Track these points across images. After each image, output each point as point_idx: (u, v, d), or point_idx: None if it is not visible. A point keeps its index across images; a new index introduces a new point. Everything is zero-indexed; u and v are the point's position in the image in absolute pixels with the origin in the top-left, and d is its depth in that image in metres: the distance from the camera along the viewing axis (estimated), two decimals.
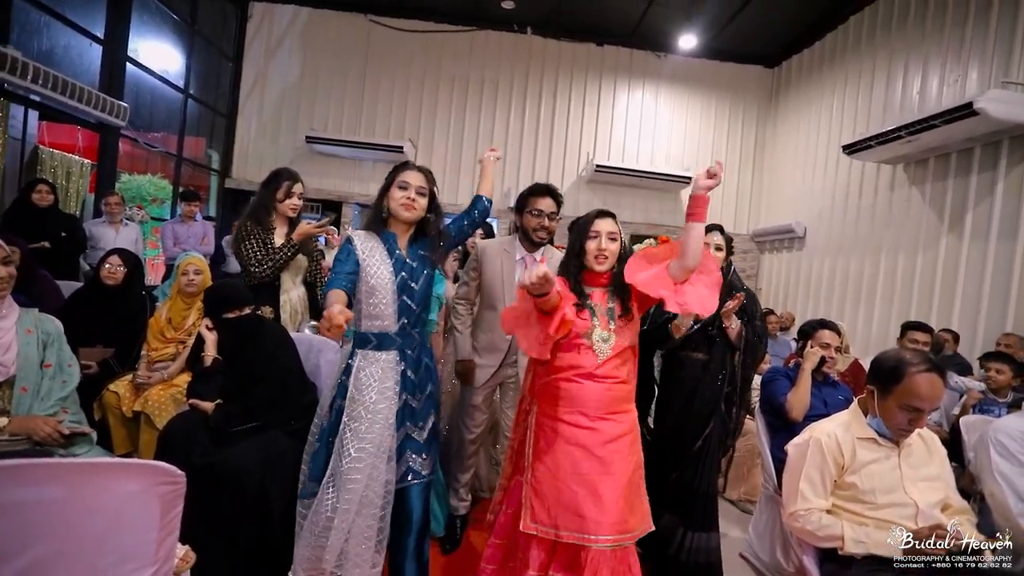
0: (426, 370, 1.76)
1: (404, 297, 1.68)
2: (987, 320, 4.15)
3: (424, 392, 1.74)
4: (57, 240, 3.66)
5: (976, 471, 1.81)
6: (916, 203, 4.97)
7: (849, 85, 6.01)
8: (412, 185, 1.71)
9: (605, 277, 1.64)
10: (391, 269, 1.67)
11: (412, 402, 1.71)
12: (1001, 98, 3.77)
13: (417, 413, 1.71)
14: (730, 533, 2.66)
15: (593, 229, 1.62)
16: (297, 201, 2.43)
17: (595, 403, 1.55)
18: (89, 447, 1.70)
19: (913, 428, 1.52)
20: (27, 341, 1.67)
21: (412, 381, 1.70)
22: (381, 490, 1.60)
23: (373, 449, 1.58)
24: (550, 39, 7.34)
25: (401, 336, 1.69)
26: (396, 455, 1.65)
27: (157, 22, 5.92)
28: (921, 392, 1.46)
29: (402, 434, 1.68)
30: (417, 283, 1.71)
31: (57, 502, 0.92)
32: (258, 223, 2.37)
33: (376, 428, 1.60)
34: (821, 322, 2.42)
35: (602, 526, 1.46)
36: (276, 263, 2.32)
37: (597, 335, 1.57)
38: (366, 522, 1.57)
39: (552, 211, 2.25)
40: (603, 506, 1.47)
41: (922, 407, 1.48)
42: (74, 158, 5.03)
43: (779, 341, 4.72)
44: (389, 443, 1.62)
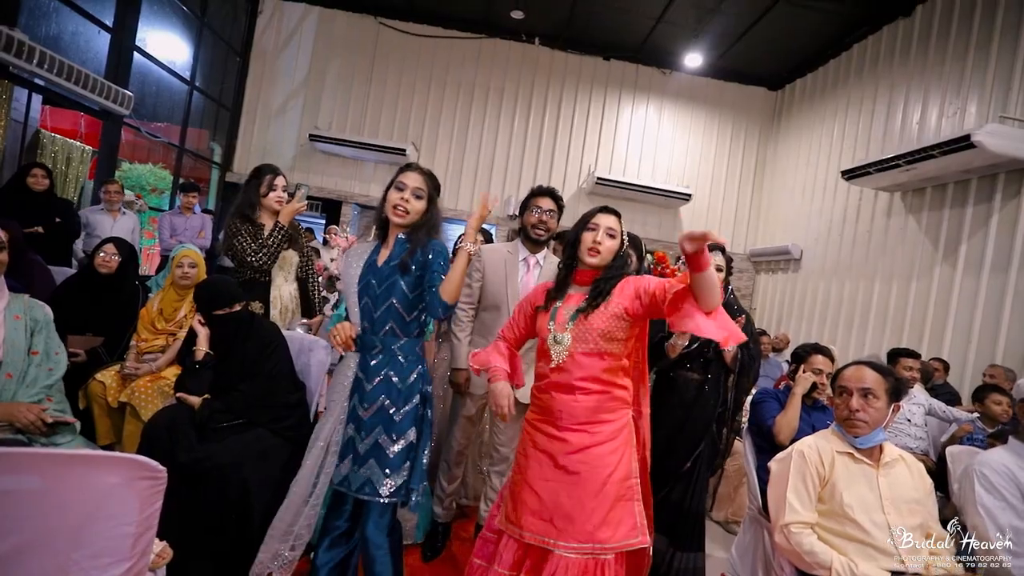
0: (386, 383, 1.62)
1: (367, 299, 1.64)
2: (977, 351, 4.18)
3: (374, 404, 1.61)
4: (51, 225, 3.63)
5: (959, 503, 1.81)
6: (912, 231, 5.01)
7: (850, 111, 6.07)
8: (408, 186, 1.66)
9: (593, 275, 1.58)
10: (360, 271, 1.67)
11: (359, 410, 1.63)
12: (998, 132, 3.82)
13: (363, 423, 1.62)
14: (714, 553, 2.65)
15: (593, 222, 1.59)
16: (281, 193, 2.44)
17: (564, 414, 1.52)
18: (72, 437, 1.68)
19: (853, 415, 1.60)
20: (14, 327, 1.65)
21: (363, 388, 1.63)
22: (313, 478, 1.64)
23: (320, 443, 1.65)
24: (557, 51, 7.41)
25: (363, 339, 1.66)
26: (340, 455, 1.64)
27: (166, 12, 5.94)
28: (845, 374, 1.68)
29: (347, 435, 1.64)
30: (381, 286, 1.62)
31: (34, 492, 0.91)
32: (245, 219, 2.38)
33: (327, 420, 1.67)
34: (815, 347, 2.41)
35: (563, 533, 1.44)
36: (270, 249, 2.33)
37: (551, 338, 1.54)
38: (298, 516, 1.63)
39: (551, 209, 2.28)
40: (565, 513, 1.46)
41: (848, 386, 1.64)
42: (75, 144, 5.03)
43: (771, 362, 4.73)
44: (333, 438, 1.65)
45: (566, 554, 1.43)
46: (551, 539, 1.45)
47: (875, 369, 1.65)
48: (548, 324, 1.55)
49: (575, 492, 1.47)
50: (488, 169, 7.42)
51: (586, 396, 1.51)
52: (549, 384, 1.55)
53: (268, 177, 2.43)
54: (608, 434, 1.52)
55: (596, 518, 1.45)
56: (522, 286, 2.24)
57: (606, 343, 1.49)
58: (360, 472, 1.59)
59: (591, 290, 1.55)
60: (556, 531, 1.45)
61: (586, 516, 1.45)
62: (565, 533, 1.44)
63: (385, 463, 1.59)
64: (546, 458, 1.53)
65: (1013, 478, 1.64)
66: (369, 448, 1.59)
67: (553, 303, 1.59)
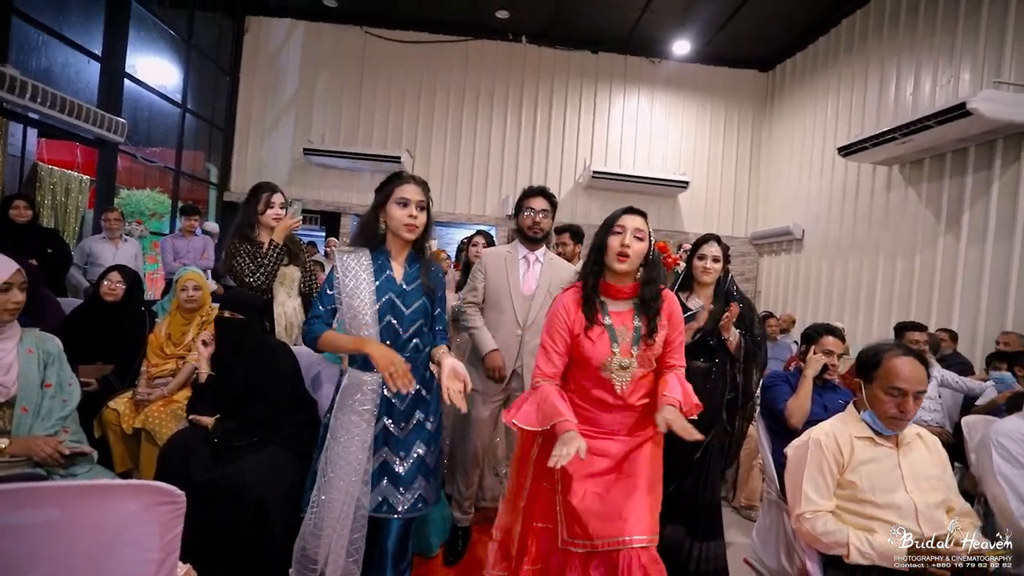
0: (417, 400, 1.65)
1: (390, 318, 1.59)
2: (987, 319, 4.16)
3: (409, 422, 1.63)
4: (43, 256, 3.60)
5: (978, 473, 1.80)
6: (912, 204, 4.98)
7: (843, 88, 6.04)
8: (412, 201, 1.62)
9: (629, 288, 1.52)
10: (373, 289, 1.60)
11: (393, 429, 1.61)
12: (993, 98, 3.80)
13: (399, 442, 1.61)
14: (734, 539, 2.64)
15: (619, 224, 1.50)
16: (279, 211, 2.44)
17: (619, 427, 1.54)
18: (90, 466, 1.70)
19: (903, 415, 1.52)
20: (28, 361, 1.67)
21: (395, 408, 1.62)
22: (352, 510, 1.56)
23: (348, 468, 1.55)
24: (545, 47, 7.40)
25: None
26: (372, 481, 1.59)
27: (154, 38, 5.97)
28: (901, 373, 1.49)
29: (379, 459, 1.60)
30: (408, 307, 1.62)
31: (56, 524, 0.92)
32: (245, 239, 2.40)
33: (352, 450, 1.56)
34: (826, 327, 2.37)
35: (632, 525, 1.43)
36: (267, 269, 2.33)
37: (616, 363, 1.46)
38: (341, 541, 1.56)
39: (544, 208, 2.28)
40: (633, 506, 1.45)
41: (904, 388, 1.49)
42: (73, 174, 5.06)
43: (779, 344, 4.71)
44: (364, 465, 1.56)
45: (637, 548, 1.41)
46: (622, 536, 1.41)
47: (924, 365, 1.54)
48: (612, 348, 1.47)
49: (634, 488, 1.48)
50: (484, 170, 7.42)
51: (635, 412, 1.54)
52: (608, 407, 1.52)
53: (265, 195, 2.44)
54: (650, 433, 1.56)
55: (651, 512, 1.48)
56: (523, 283, 2.27)
57: (656, 360, 1.55)
58: (407, 494, 1.60)
59: (642, 309, 1.51)
60: (624, 524, 1.43)
61: (645, 510, 1.46)
62: (631, 526, 1.43)
63: (429, 474, 1.66)
64: (601, 459, 1.50)
65: None
66: (413, 465, 1.61)
67: (599, 318, 1.49)
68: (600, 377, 1.49)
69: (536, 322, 2.25)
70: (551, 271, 2.29)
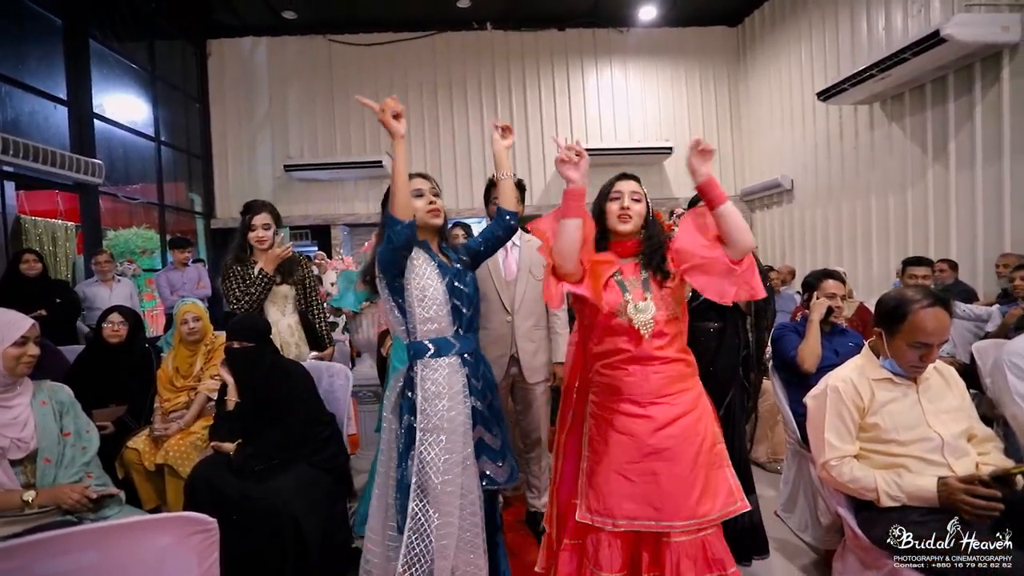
0: (486, 377, 1.67)
1: (455, 300, 1.60)
2: (984, 244, 4.16)
3: (487, 397, 1.64)
4: (52, 307, 3.67)
5: (995, 396, 1.81)
6: (898, 139, 4.96)
7: (815, 31, 5.99)
8: (425, 189, 1.67)
9: (632, 244, 1.53)
10: (437, 272, 1.59)
11: (481, 407, 1.61)
12: (967, 21, 3.77)
13: (488, 419, 1.62)
14: (763, 493, 2.67)
15: (615, 190, 1.54)
16: (262, 233, 2.40)
17: (644, 389, 1.46)
18: (119, 507, 1.70)
19: (925, 364, 1.52)
20: (43, 413, 1.68)
21: (475, 387, 1.61)
22: (474, 497, 1.54)
23: (459, 459, 1.51)
24: (511, 31, 7.32)
25: (458, 340, 1.60)
26: (492, 455, 1.61)
27: (118, 74, 5.90)
28: (927, 327, 1.46)
29: (475, 437, 1.59)
30: (466, 285, 1.64)
31: (94, 567, 0.92)
32: (237, 260, 2.40)
33: (456, 437, 1.52)
34: (825, 272, 2.41)
35: (666, 513, 1.39)
36: (252, 297, 2.31)
37: (632, 309, 1.43)
38: (467, 533, 1.52)
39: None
40: (665, 493, 1.40)
41: (930, 342, 1.48)
42: (57, 223, 5.03)
43: (783, 296, 4.72)
44: (468, 451, 1.55)
45: (678, 538, 1.38)
46: (653, 521, 1.39)
47: (949, 311, 1.50)
48: (624, 295, 1.46)
49: (671, 469, 1.41)
50: (466, 163, 7.37)
51: (664, 366, 1.46)
52: (628, 359, 1.46)
53: (247, 217, 2.42)
54: (689, 403, 1.48)
55: (696, 491, 1.41)
56: (504, 269, 2.29)
57: (677, 306, 1.49)
58: (503, 466, 1.63)
59: (647, 259, 1.50)
60: (658, 512, 1.39)
61: (686, 491, 1.40)
62: (668, 513, 1.39)
63: (511, 451, 1.71)
64: (630, 440, 1.45)
65: None
66: (503, 441, 1.66)
67: (610, 276, 1.48)
68: (619, 325, 1.46)
69: (524, 305, 2.26)
70: (530, 252, 2.30)
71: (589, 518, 1.46)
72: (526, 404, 2.33)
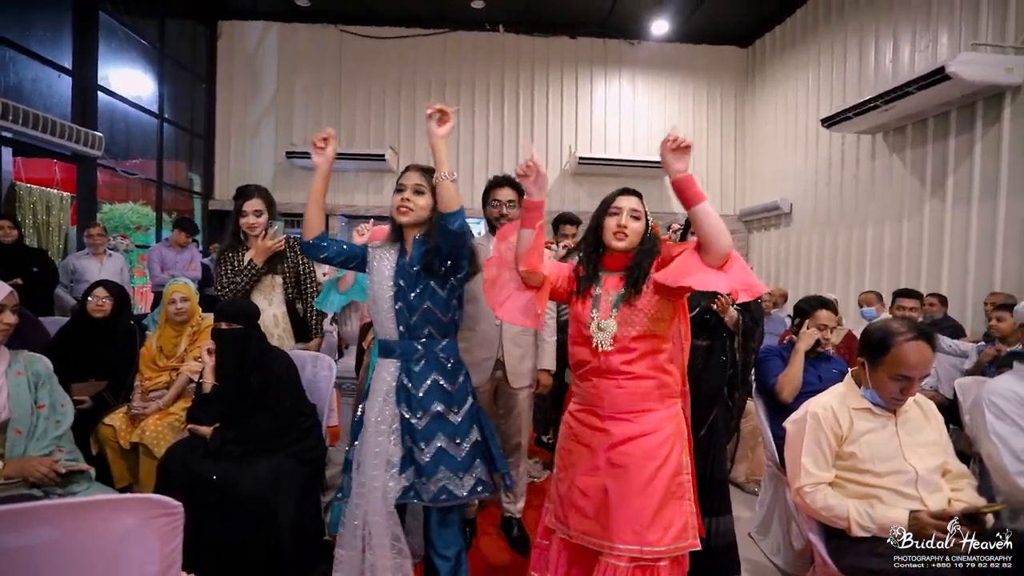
0: (436, 388, 1.61)
1: (399, 304, 1.61)
2: (975, 281, 4.19)
3: (428, 411, 1.59)
4: (29, 275, 3.58)
5: (972, 433, 1.83)
6: (897, 171, 5.00)
7: (823, 59, 6.03)
8: (407, 186, 1.65)
9: (624, 259, 1.51)
10: (392, 275, 1.64)
11: (410, 417, 1.59)
12: (972, 60, 3.80)
13: (418, 432, 1.58)
14: (739, 515, 2.67)
15: (615, 205, 1.52)
16: (252, 220, 2.35)
17: (605, 402, 1.45)
18: (88, 484, 1.69)
19: (905, 397, 1.53)
20: (18, 383, 1.66)
21: (412, 395, 1.59)
22: (380, 502, 1.55)
23: (376, 460, 1.56)
24: (523, 35, 7.33)
25: (401, 346, 1.62)
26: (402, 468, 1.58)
27: (126, 48, 5.87)
28: (909, 360, 1.47)
29: (405, 447, 1.59)
30: (415, 291, 1.61)
31: (53, 543, 0.91)
32: (231, 247, 2.38)
33: (380, 439, 1.58)
34: (819, 301, 2.38)
35: (609, 532, 1.37)
36: (237, 286, 2.29)
37: (595, 325, 1.46)
38: (379, 530, 1.54)
39: (510, 199, 2.26)
40: (610, 511, 1.38)
41: (911, 375, 1.48)
42: (53, 192, 4.98)
43: (773, 318, 4.74)
44: (391, 452, 1.57)
45: (614, 561, 1.34)
46: (597, 539, 1.39)
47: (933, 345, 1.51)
48: (591, 312, 1.47)
49: (620, 487, 1.38)
50: (469, 163, 7.37)
51: (630, 382, 1.43)
52: (591, 371, 1.48)
53: (238, 203, 2.38)
54: (655, 424, 1.44)
55: (644, 517, 1.36)
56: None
57: (653, 324, 1.44)
58: (429, 484, 1.56)
59: (628, 274, 1.48)
60: (601, 530, 1.38)
61: (633, 514, 1.36)
62: (610, 532, 1.36)
63: (457, 466, 1.58)
64: (587, 451, 1.47)
65: (1022, 402, 1.64)
66: (434, 456, 1.57)
67: (591, 289, 1.51)
68: (584, 335, 1.50)
69: None
70: None
71: (553, 524, 1.52)
72: (508, 408, 2.33)
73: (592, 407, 1.49)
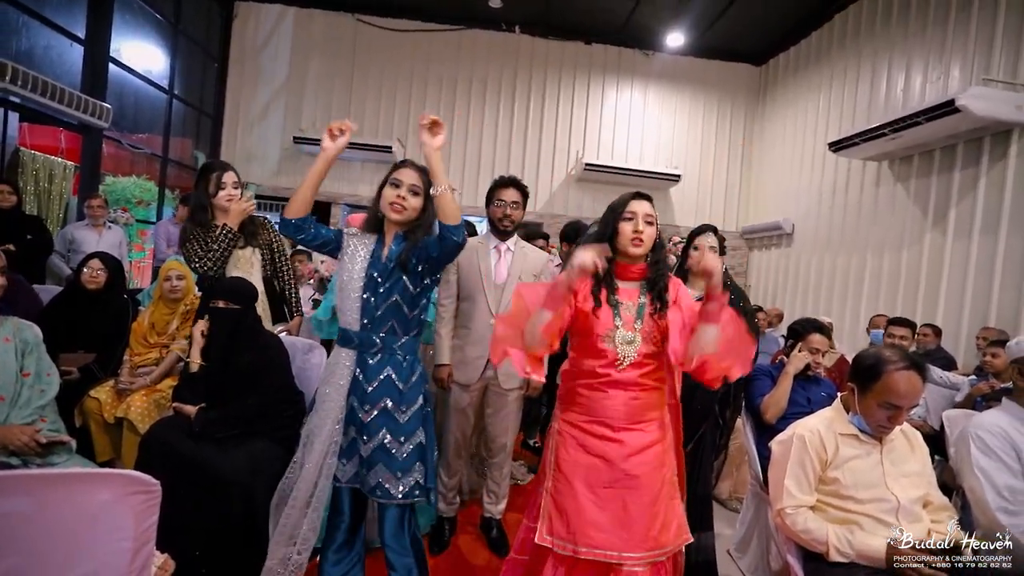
0: (387, 384, 1.60)
1: (367, 295, 1.60)
2: (971, 314, 4.20)
3: (375, 405, 1.59)
4: (22, 242, 3.55)
5: (956, 466, 1.83)
6: (901, 199, 5.02)
7: (835, 83, 6.05)
8: (404, 183, 1.63)
9: (639, 269, 1.50)
10: (364, 266, 1.62)
11: (359, 412, 1.60)
12: (982, 95, 3.81)
13: (365, 426, 1.59)
14: (720, 532, 2.67)
15: (629, 210, 1.48)
16: (232, 191, 2.29)
17: (619, 413, 1.44)
18: (68, 456, 1.68)
19: (892, 425, 1.53)
20: (4, 349, 1.65)
21: (363, 389, 1.60)
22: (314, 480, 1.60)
23: (319, 445, 1.59)
24: (538, 38, 7.34)
25: (360, 337, 1.61)
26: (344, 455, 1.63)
27: (140, 22, 5.85)
28: (899, 390, 1.47)
29: (348, 437, 1.62)
30: (385, 283, 1.60)
31: (25, 514, 0.90)
32: (197, 224, 2.26)
33: (327, 420, 1.60)
34: (813, 324, 2.38)
35: (630, 544, 1.36)
36: (215, 255, 2.20)
37: (620, 337, 1.43)
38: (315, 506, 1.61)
39: (515, 200, 2.28)
40: (631, 523, 1.38)
41: (900, 404, 1.48)
42: (56, 160, 4.96)
43: (767, 337, 4.74)
44: (334, 437, 1.61)
45: (636, 567, 1.35)
46: (616, 552, 1.35)
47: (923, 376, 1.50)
48: (615, 321, 1.44)
49: (638, 497, 1.39)
50: (475, 161, 7.37)
51: (643, 393, 1.45)
52: (606, 382, 1.44)
53: (215, 175, 2.28)
54: (659, 431, 1.48)
55: (658, 522, 1.40)
56: (495, 273, 2.28)
57: (663, 340, 1.45)
58: (369, 476, 1.58)
59: (648, 288, 1.48)
60: (622, 543, 1.36)
61: (650, 521, 1.39)
62: (631, 544, 1.36)
63: (395, 465, 1.57)
64: (602, 463, 1.42)
65: (1008, 439, 1.65)
66: (375, 451, 1.57)
67: (606, 299, 1.47)
68: (599, 348, 1.44)
69: None
70: (522, 259, 2.31)
71: (550, 541, 1.41)
72: (497, 408, 2.32)
73: (602, 418, 1.45)
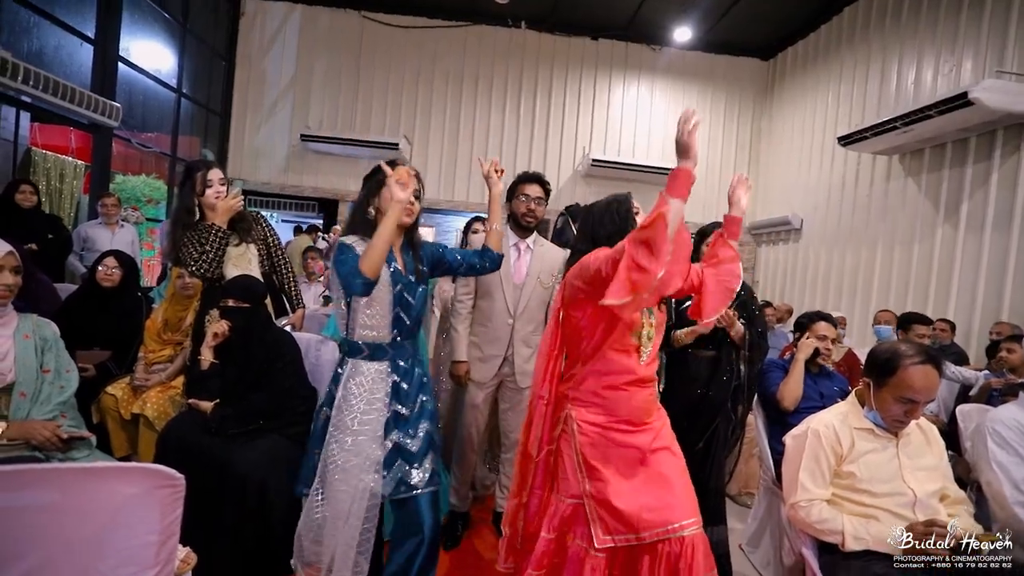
0: (419, 381, 1.71)
1: (399, 310, 1.62)
2: (983, 309, 4.17)
3: (415, 402, 1.68)
4: (43, 241, 3.61)
5: (973, 460, 1.82)
6: (912, 194, 4.97)
7: (844, 76, 6.00)
8: (409, 187, 1.60)
9: None
10: (389, 280, 1.61)
11: (403, 411, 1.64)
12: (995, 88, 3.77)
13: (408, 421, 1.64)
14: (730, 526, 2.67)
15: (634, 206, 1.57)
16: (219, 187, 2.22)
17: (640, 411, 1.49)
18: (88, 451, 1.70)
19: (909, 420, 1.52)
20: (25, 347, 1.66)
21: (404, 391, 1.65)
22: (366, 502, 1.57)
23: (358, 461, 1.56)
24: (544, 34, 7.32)
25: (393, 347, 1.65)
26: (386, 466, 1.60)
27: (148, 21, 5.88)
28: (915, 384, 1.46)
29: (391, 443, 1.62)
30: (414, 297, 1.66)
31: (54, 507, 0.92)
32: (186, 227, 2.20)
33: (362, 440, 1.57)
34: (818, 313, 2.43)
35: (681, 511, 1.41)
36: (209, 256, 2.15)
37: (645, 333, 1.46)
38: (351, 532, 1.56)
39: (539, 196, 2.28)
40: (675, 490, 1.44)
41: (916, 399, 1.48)
42: (67, 159, 5.00)
43: (776, 333, 4.72)
44: (377, 455, 1.58)
45: (691, 531, 1.39)
46: (675, 522, 1.39)
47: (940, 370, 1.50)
48: (648, 319, 1.46)
49: (672, 466, 1.49)
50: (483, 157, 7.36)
51: (652, 386, 1.53)
52: (630, 382, 1.47)
53: (200, 174, 2.21)
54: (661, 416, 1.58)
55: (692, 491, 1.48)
56: (514, 272, 2.27)
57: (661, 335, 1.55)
58: (416, 470, 1.62)
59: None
60: (676, 513, 1.40)
61: (688, 487, 1.47)
62: (683, 511, 1.41)
63: (437, 450, 1.73)
64: (635, 451, 1.47)
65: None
66: (423, 442, 1.66)
67: None
68: (629, 344, 1.47)
69: (527, 310, 2.25)
70: (541, 259, 2.29)
71: (611, 540, 1.41)
72: (511, 404, 2.32)
73: (627, 416, 1.48)
